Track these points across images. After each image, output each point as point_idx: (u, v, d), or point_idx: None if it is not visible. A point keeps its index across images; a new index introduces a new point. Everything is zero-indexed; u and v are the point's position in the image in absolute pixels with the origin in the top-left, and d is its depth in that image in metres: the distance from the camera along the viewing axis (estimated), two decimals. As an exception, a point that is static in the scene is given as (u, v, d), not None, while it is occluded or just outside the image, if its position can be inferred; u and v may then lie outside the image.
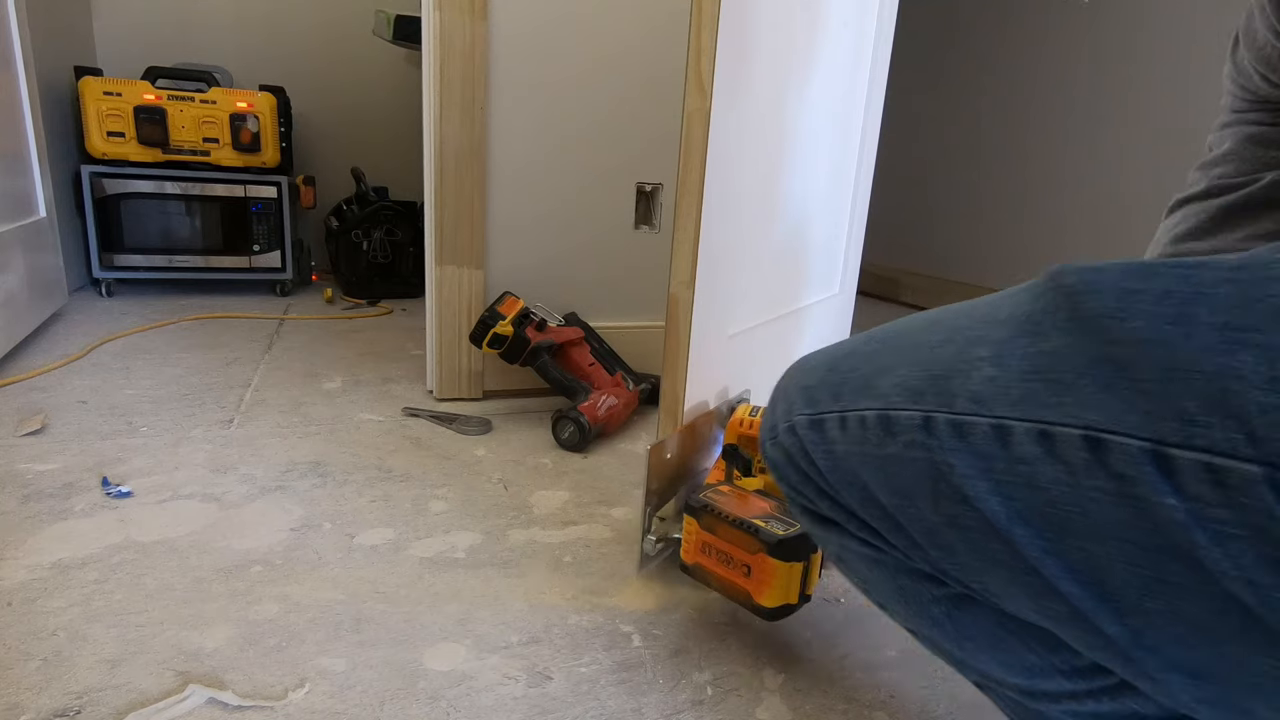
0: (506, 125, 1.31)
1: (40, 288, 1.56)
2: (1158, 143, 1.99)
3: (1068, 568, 0.30)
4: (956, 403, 0.32)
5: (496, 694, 0.65)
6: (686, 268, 0.82)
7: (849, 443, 0.38)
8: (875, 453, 0.36)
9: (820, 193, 1.15)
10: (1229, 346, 0.25)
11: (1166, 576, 0.27)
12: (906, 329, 0.40)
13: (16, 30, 1.46)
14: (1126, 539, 0.27)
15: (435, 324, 1.34)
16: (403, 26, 2.04)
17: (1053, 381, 0.29)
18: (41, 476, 0.97)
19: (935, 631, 0.40)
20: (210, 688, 0.63)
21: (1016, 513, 0.30)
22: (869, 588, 0.44)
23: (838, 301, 1.35)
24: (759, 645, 0.75)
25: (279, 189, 2.07)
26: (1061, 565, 0.30)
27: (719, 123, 0.79)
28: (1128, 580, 0.28)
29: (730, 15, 0.76)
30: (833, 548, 0.45)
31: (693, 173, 0.79)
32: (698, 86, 0.77)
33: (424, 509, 0.97)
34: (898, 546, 0.38)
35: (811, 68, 1.01)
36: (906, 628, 0.44)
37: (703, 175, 0.78)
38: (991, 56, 2.44)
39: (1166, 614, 0.28)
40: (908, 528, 0.36)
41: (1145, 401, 0.27)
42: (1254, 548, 0.24)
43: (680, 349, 0.84)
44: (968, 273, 2.53)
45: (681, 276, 0.82)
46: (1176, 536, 0.26)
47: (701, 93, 0.76)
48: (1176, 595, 0.27)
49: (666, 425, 0.87)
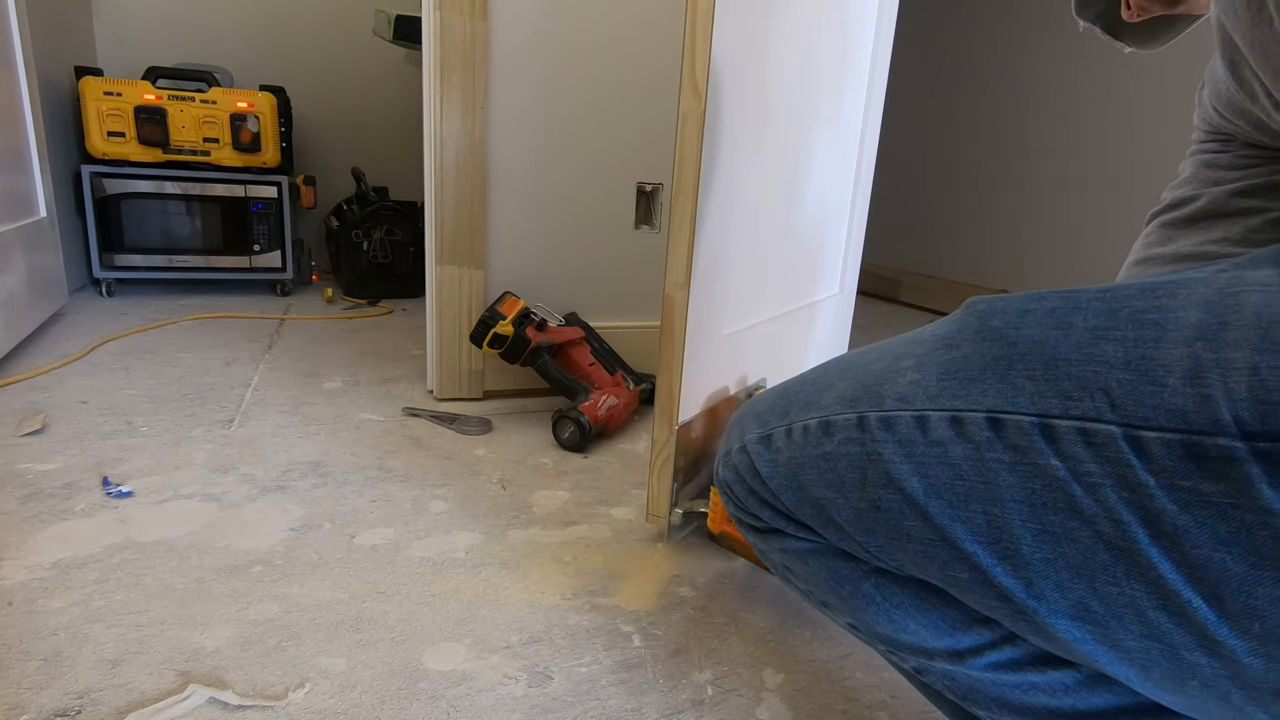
0: (507, 125, 1.31)
1: (40, 288, 1.56)
2: (1157, 143, 1.99)
3: (972, 531, 0.36)
4: (885, 403, 0.39)
5: (497, 694, 0.65)
6: (682, 269, 0.82)
7: (792, 449, 0.44)
8: (814, 453, 0.43)
9: (820, 192, 1.15)
10: (1096, 341, 0.33)
11: (1050, 528, 0.33)
12: (850, 356, 0.46)
13: (17, 30, 1.46)
14: (1019, 500, 0.34)
15: (435, 324, 1.34)
16: (403, 26, 2.04)
17: (962, 378, 0.37)
18: (42, 476, 0.97)
19: (869, 610, 0.45)
20: (210, 687, 0.63)
21: (931, 487, 0.37)
22: (811, 586, 0.49)
23: (838, 301, 1.35)
24: (759, 645, 0.75)
25: (279, 189, 2.07)
26: (967, 530, 0.36)
27: (714, 124, 0.79)
28: (1020, 536, 0.34)
29: (725, 16, 0.76)
30: (776, 556, 0.50)
31: (688, 174, 0.79)
32: (692, 88, 0.77)
33: (424, 509, 0.97)
34: (827, 538, 0.44)
35: (810, 68, 1.01)
36: (847, 622, 0.48)
37: (697, 176, 0.79)
38: (992, 56, 2.44)
39: (1051, 561, 0.34)
40: (837, 518, 0.42)
41: (1033, 386, 0.34)
42: (1115, 492, 0.31)
43: (676, 349, 0.84)
44: (968, 273, 2.53)
45: (677, 277, 0.82)
46: (1058, 491, 0.33)
47: (696, 94, 0.76)
48: (1058, 543, 0.33)
49: (662, 424, 0.87)
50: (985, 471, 0.35)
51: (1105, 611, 0.33)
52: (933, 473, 0.37)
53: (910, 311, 2.62)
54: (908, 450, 0.38)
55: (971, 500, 0.36)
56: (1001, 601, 0.37)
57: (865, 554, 0.43)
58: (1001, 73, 2.40)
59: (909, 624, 0.44)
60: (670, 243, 0.82)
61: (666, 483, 0.90)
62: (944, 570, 0.38)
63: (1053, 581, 0.34)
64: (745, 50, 0.81)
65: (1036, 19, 2.28)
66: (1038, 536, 0.34)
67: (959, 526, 0.37)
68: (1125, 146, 2.06)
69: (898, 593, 0.43)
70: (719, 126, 0.80)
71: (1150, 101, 1.99)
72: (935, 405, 0.37)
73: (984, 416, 0.35)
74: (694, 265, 0.81)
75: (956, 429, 0.36)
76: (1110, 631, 0.34)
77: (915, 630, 0.43)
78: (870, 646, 0.50)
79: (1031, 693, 0.40)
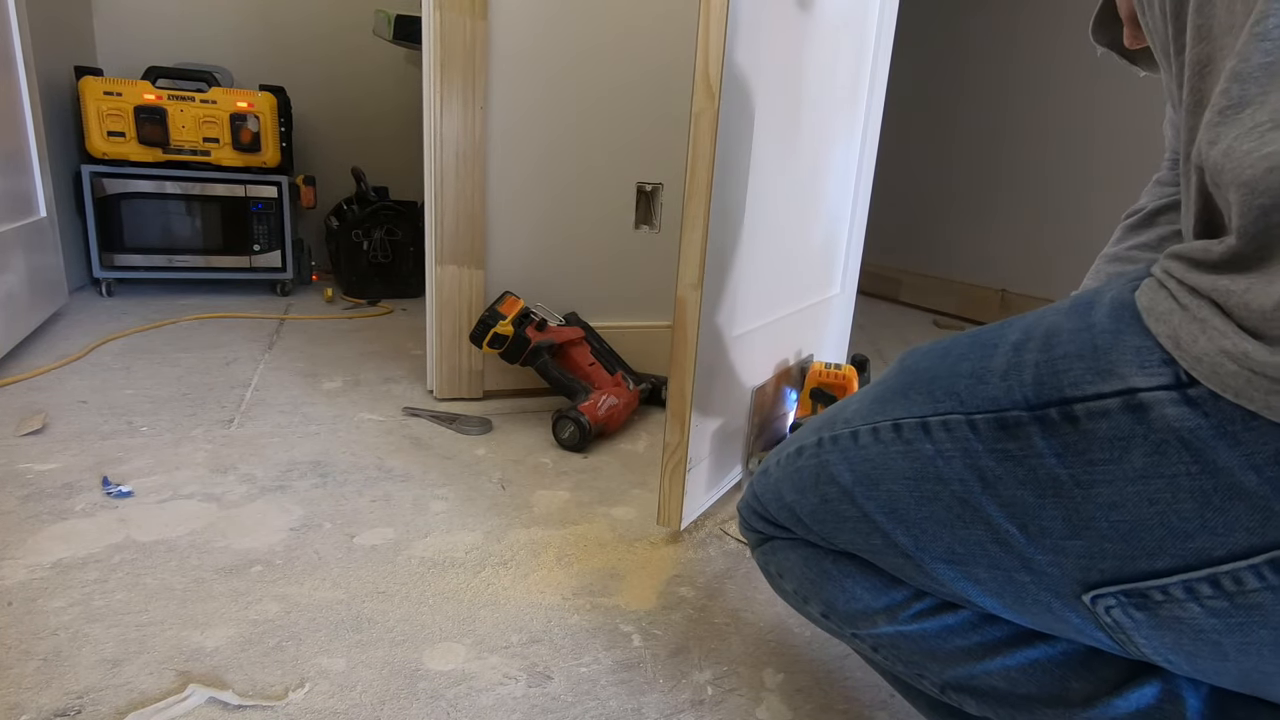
0: (507, 125, 1.31)
1: (40, 287, 1.56)
2: (1158, 144, 1.99)
3: (879, 506, 0.50)
4: (835, 426, 0.54)
5: (496, 694, 0.65)
6: (694, 270, 0.81)
7: (777, 471, 0.60)
8: (789, 469, 0.58)
9: (823, 192, 1.15)
10: (958, 362, 0.46)
11: (925, 494, 0.47)
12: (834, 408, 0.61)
13: (17, 30, 1.46)
14: (907, 476, 0.48)
15: (435, 324, 1.34)
16: (403, 26, 2.05)
17: (882, 401, 0.51)
18: (42, 476, 0.97)
19: (829, 586, 0.58)
20: (210, 687, 0.63)
21: (856, 478, 0.51)
22: (792, 580, 0.61)
23: (839, 301, 1.35)
24: (759, 645, 0.75)
25: (279, 189, 2.07)
26: (876, 505, 0.50)
27: (727, 125, 0.78)
28: (909, 504, 0.48)
29: (739, 17, 0.75)
30: (771, 563, 0.63)
31: (700, 175, 0.78)
32: (706, 88, 0.76)
33: (424, 509, 0.97)
34: (795, 531, 0.59)
35: (816, 70, 1.01)
36: (820, 612, 0.59)
37: (710, 178, 0.78)
38: (992, 56, 2.44)
39: (927, 519, 0.47)
40: (800, 514, 0.57)
41: (921, 398, 0.48)
42: (961, 459, 0.44)
43: (688, 350, 0.84)
44: (968, 273, 2.53)
45: (689, 279, 0.82)
46: (929, 466, 0.46)
47: (710, 94, 0.76)
48: (930, 504, 0.47)
49: (674, 427, 0.87)
50: (888, 460, 0.49)
51: (964, 552, 0.46)
52: (858, 468, 0.51)
53: (910, 311, 2.62)
54: (844, 454, 0.53)
55: (881, 482, 0.50)
56: (902, 558, 0.50)
57: (821, 540, 0.57)
58: (1002, 72, 2.40)
59: (856, 590, 0.56)
60: (682, 244, 0.82)
61: (679, 486, 0.89)
62: (868, 540, 0.52)
63: (930, 534, 0.47)
64: (755, 51, 0.81)
65: (1036, 18, 2.28)
66: (919, 502, 0.47)
67: (872, 504, 0.51)
68: (1126, 147, 2.06)
69: (847, 564, 0.56)
70: (731, 127, 0.80)
71: (1150, 103, 1.99)
72: (863, 421, 0.52)
73: (890, 424, 0.49)
74: (705, 267, 0.81)
75: (873, 435, 0.51)
76: (970, 568, 0.46)
77: (861, 596, 0.56)
78: (844, 640, 0.60)
79: (949, 637, 0.51)
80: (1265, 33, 0.35)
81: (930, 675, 0.53)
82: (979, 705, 0.51)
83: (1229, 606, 0.37)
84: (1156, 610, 0.39)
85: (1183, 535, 0.37)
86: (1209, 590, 0.37)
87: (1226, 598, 0.37)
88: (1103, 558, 0.40)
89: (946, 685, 0.52)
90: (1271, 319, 0.33)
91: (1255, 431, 0.34)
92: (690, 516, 0.94)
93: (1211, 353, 0.35)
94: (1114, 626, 0.42)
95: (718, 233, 0.82)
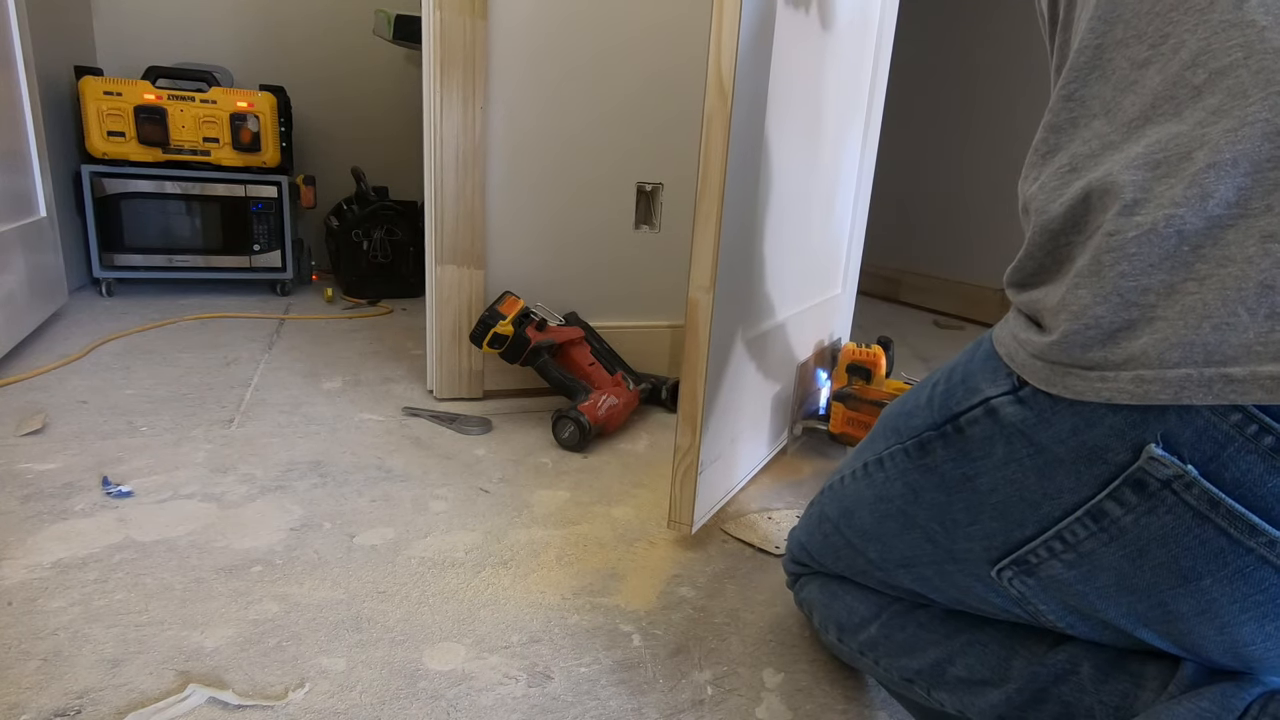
0: (507, 125, 1.31)
1: (40, 287, 1.56)
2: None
3: (855, 531, 0.62)
4: (834, 477, 0.68)
5: (496, 694, 0.65)
6: (706, 272, 0.81)
7: (801, 518, 0.74)
8: (805, 516, 0.73)
9: (830, 192, 1.15)
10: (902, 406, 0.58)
11: (883, 513, 0.58)
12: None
13: (16, 30, 1.46)
14: (869, 501, 0.60)
15: (435, 324, 1.34)
16: (403, 26, 2.04)
17: (863, 450, 0.63)
18: (41, 476, 0.97)
19: (837, 606, 0.67)
20: (210, 687, 0.63)
21: (841, 513, 0.64)
22: (815, 609, 0.71)
23: (840, 301, 1.35)
24: (759, 645, 0.75)
25: (279, 189, 2.07)
26: (854, 531, 0.62)
27: (739, 127, 0.78)
28: (870, 523, 0.60)
29: (751, 18, 0.75)
30: (800, 594, 0.74)
31: (713, 178, 0.77)
32: (718, 89, 0.75)
33: (424, 509, 0.97)
34: (811, 566, 0.72)
35: (823, 70, 1.00)
36: (836, 637, 0.68)
37: (723, 179, 0.77)
38: (992, 56, 2.44)
39: (886, 534, 0.59)
40: (811, 551, 0.70)
41: (883, 440, 0.59)
42: (901, 479, 0.56)
43: (700, 352, 0.83)
44: (968, 273, 2.53)
45: (701, 281, 0.81)
46: (883, 490, 0.58)
47: (722, 95, 0.75)
48: (886, 520, 0.58)
49: (685, 430, 0.86)
50: (859, 493, 0.61)
51: (912, 555, 0.57)
52: (842, 504, 0.64)
53: (910, 311, 2.62)
54: (834, 496, 0.66)
55: (855, 512, 0.62)
56: (876, 570, 0.62)
57: (824, 568, 0.69)
58: (1002, 71, 2.40)
59: (853, 604, 0.66)
60: (694, 246, 0.81)
61: (690, 490, 0.88)
62: (851, 561, 0.64)
63: (888, 545, 0.59)
64: (767, 52, 0.80)
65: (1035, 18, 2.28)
66: (877, 520, 0.59)
67: (851, 530, 0.63)
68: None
69: (846, 584, 0.68)
70: (743, 128, 0.79)
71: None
72: (848, 467, 0.65)
73: (863, 464, 0.62)
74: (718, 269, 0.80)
75: (853, 477, 0.63)
76: (919, 569, 0.57)
77: (857, 608, 0.65)
78: (860, 666, 0.67)
79: (918, 631, 0.60)
80: (1069, 94, 0.48)
81: (912, 674, 0.60)
82: (950, 698, 0.57)
83: (1076, 558, 0.45)
84: (1037, 572, 0.47)
85: (1033, 504, 0.46)
86: (1060, 546, 0.45)
87: (1072, 550, 0.45)
88: (994, 535, 0.49)
89: (924, 682, 0.59)
90: (1054, 313, 0.43)
91: (1059, 414, 0.43)
92: (701, 519, 0.94)
93: (1017, 350, 0.46)
94: (1020, 598, 0.50)
95: (730, 235, 0.82)
